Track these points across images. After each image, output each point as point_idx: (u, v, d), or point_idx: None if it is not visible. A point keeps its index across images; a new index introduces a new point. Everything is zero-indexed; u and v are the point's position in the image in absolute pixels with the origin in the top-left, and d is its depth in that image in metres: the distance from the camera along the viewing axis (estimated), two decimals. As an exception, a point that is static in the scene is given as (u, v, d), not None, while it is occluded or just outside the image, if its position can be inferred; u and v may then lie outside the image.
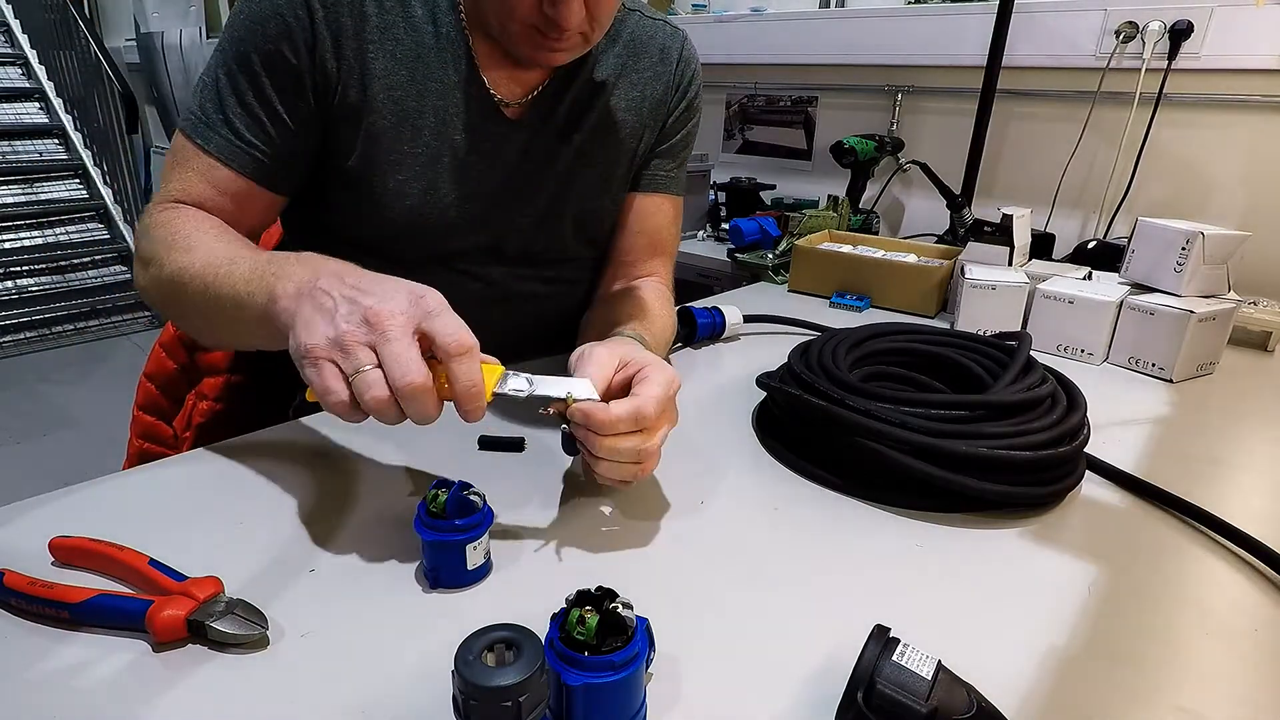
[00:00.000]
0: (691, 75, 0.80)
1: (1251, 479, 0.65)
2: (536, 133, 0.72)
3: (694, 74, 0.81)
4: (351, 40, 0.63)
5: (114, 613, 0.40)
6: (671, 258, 0.86)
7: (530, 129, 0.71)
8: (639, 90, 0.77)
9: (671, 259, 0.86)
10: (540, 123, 0.72)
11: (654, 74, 0.77)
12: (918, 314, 1.06)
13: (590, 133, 0.74)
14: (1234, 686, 0.40)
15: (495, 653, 0.30)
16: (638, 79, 0.77)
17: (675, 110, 0.80)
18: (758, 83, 1.93)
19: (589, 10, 0.61)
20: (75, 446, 2.21)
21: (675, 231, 0.85)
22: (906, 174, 1.69)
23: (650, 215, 0.82)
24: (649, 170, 0.81)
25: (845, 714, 0.35)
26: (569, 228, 0.77)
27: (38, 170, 3.47)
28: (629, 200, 0.82)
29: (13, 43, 3.80)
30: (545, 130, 0.72)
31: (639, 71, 0.77)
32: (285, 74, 0.62)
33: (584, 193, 0.76)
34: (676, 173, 0.83)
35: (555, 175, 0.74)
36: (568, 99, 0.72)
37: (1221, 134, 1.32)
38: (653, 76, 0.77)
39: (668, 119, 0.80)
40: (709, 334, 0.91)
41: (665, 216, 0.83)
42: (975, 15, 1.48)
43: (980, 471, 0.53)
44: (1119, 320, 0.88)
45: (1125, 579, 0.49)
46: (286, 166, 0.66)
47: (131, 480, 0.57)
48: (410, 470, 0.58)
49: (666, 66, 0.78)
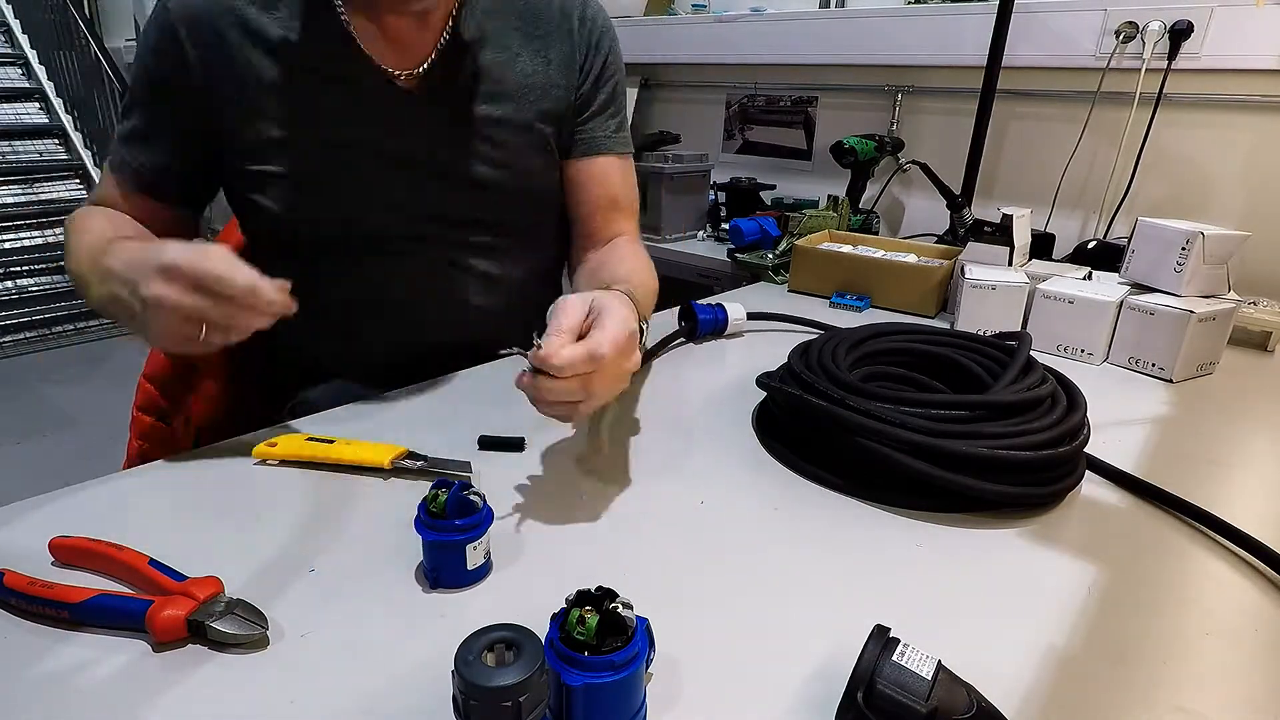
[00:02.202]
0: (601, 33, 0.81)
1: (1251, 479, 0.65)
2: (436, 101, 0.73)
3: (604, 30, 0.81)
4: (216, 51, 0.68)
5: (114, 613, 0.40)
6: (635, 215, 0.87)
7: (428, 99, 0.72)
8: (543, 54, 0.77)
9: (635, 215, 0.87)
10: (438, 90, 0.73)
11: (558, 35, 0.78)
12: (918, 314, 1.06)
13: (495, 97, 0.75)
14: (1234, 686, 0.40)
15: (495, 653, 0.30)
16: (540, 44, 0.77)
17: (591, 70, 0.80)
18: (758, 83, 1.93)
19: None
20: (75, 446, 2.21)
21: (631, 188, 0.86)
22: (906, 174, 1.69)
23: (600, 180, 0.83)
24: (584, 135, 0.82)
25: (845, 714, 0.35)
26: (500, 195, 0.77)
27: (38, 170, 3.48)
28: (573, 170, 0.82)
29: (13, 43, 3.81)
30: (445, 97, 0.73)
31: (541, 36, 0.77)
32: (161, 94, 0.70)
33: (504, 158, 0.76)
34: (616, 133, 0.84)
35: (466, 142, 0.74)
36: (465, 67, 0.73)
37: (1221, 134, 1.32)
38: (557, 39, 0.78)
39: (584, 79, 0.80)
40: (710, 329, 0.91)
41: (616, 175, 0.84)
42: (975, 15, 1.48)
43: (980, 471, 0.53)
44: (1119, 320, 0.88)
45: (1125, 579, 0.49)
46: (170, 180, 0.73)
47: (131, 480, 0.57)
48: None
49: (567, 25, 0.79)
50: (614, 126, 0.84)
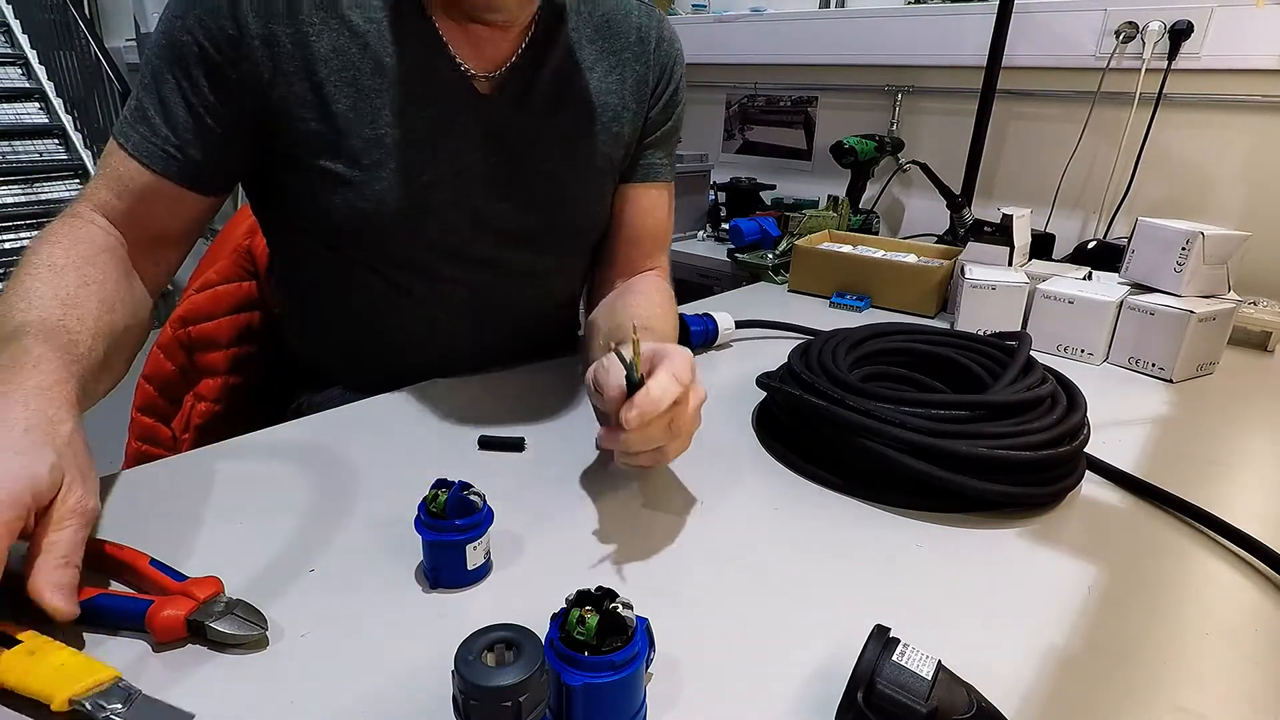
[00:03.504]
0: (675, 57, 0.77)
1: (1251, 479, 0.65)
2: (513, 108, 0.68)
3: (677, 55, 0.78)
4: (286, 22, 0.60)
5: (114, 612, 0.40)
6: (669, 247, 0.85)
7: (505, 104, 0.68)
8: (618, 72, 0.73)
9: (669, 248, 0.85)
10: (516, 98, 0.68)
11: (633, 54, 0.74)
12: (918, 314, 1.06)
13: (570, 112, 0.71)
14: (1234, 686, 0.40)
15: (495, 653, 0.30)
16: (615, 61, 0.73)
17: (663, 95, 0.77)
18: (758, 83, 1.93)
19: None
20: (75, 447, 2.21)
21: (671, 220, 0.85)
22: (906, 174, 1.69)
23: (651, 210, 0.80)
24: (644, 161, 0.79)
25: (845, 714, 0.35)
26: (553, 213, 0.73)
27: (38, 170, 3.48)
28: (625, 193, 0.79)
29: (13, 43, 3.81)
30: (522, 106, 0.69)
31: (616, 53, 0.73)
32: (208, 70, 0.59)
33: (568, 177, 0.73)
34: (670, 159, 0.82)
35: (535, 155, 0.70)
36: (544, 75, 0.69)
37: (1221, 134, 1.32)
38: (632, 57, 0.74)
39: (654, 104, 0.77)
40: (701, 342, 0.89)
41: (664, 208, 0.82)
42: (975, 15, 1.48)
43: (980, 471, 0.53)
44: (1119, 320, 0.88)
45: (1125, 579, 0.49)
46: (209, 164, 0.62)
47: (131, 480, 0.57)
48: (410, 470, 0.58)
49: (645, 47, 0.74)
50: (669, 152, 0.81)
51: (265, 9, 0.59)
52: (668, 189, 0.82)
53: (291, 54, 0.60)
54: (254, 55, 0.59)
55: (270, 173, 0.66)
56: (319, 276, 0.72)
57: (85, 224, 0.60)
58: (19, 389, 0.43)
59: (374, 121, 0.63)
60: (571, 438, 0.64)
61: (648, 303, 0.72)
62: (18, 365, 0.44)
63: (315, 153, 0.63)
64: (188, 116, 0.60)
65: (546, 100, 0.70)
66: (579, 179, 0.74)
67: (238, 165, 0.65)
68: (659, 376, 0.47)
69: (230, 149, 0.63)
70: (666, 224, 0.83)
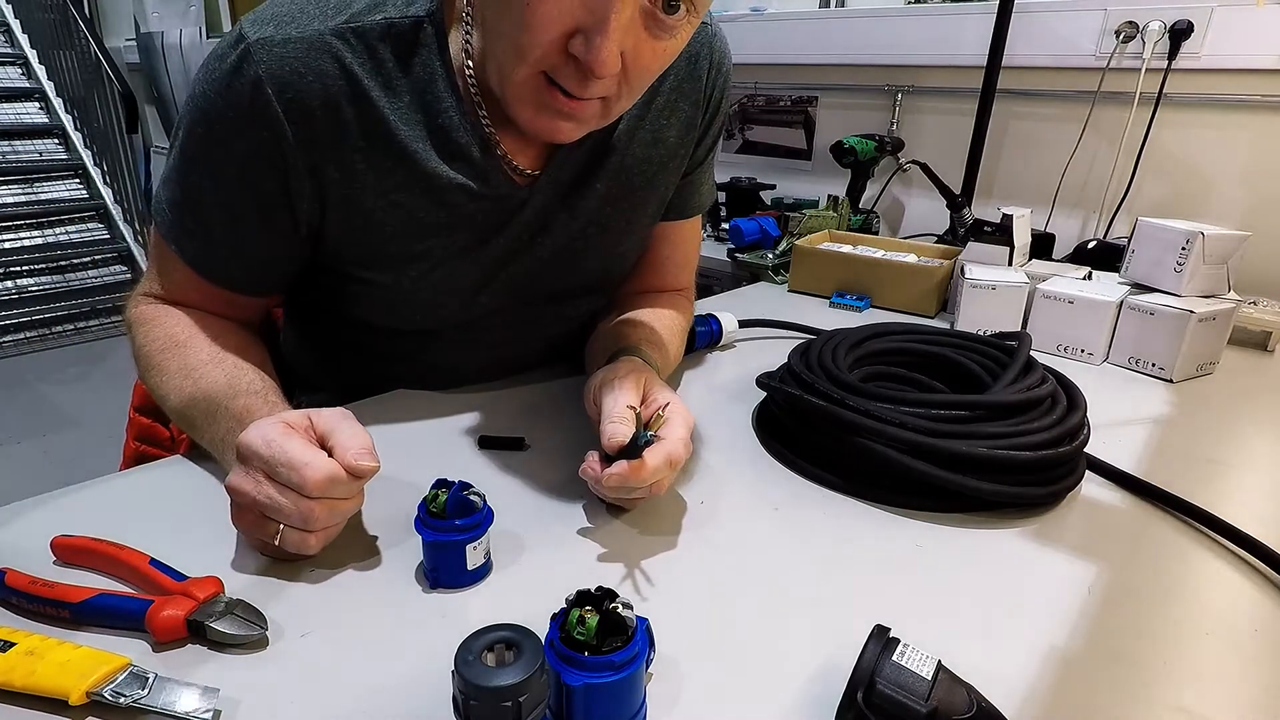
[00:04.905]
0: (723, 83, 0.69)
1: (1251, 479, 0.65)
2: (554, 192, 0.64)
3: (726, 79, 0.70)
4: (326, 127, 0.54)
5: (114, 612, 0.40)
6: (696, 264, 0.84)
7: (546, 190, 0.63)
8: (666, 118, 0.66)
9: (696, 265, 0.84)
10: (556, 180, 0.64)
11: (682, 91, 0.66)
12: (918, 314, 1.06)
13: (613, 178, 0.66)
14: (1234, 686, 0.40)
15: (495, 653, 0.30)
16: (663, 103, 0.65)
17: (711, 128, 0.72)
18: (758, 83, 1.93)
19: (625, 66, 0.48)
20: (75, 446, 2.21)
21: (700, 238, 0.83)
22: (906, 174, 1.68)
23: (687, 238, 0.78)
24: (683, 195, 0.75)
25: (845, 714, 0.35)
26: (592, 274, 0.71)
27: (38, 170, 3.47)
28: (664, 228, 0.76)
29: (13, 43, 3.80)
30: (562, 187, 0.64)
31: (664, 94, 0.65)
32: (259, 192, 0.56)
33: (609, 241, 0.69)
34: (709, 180, 0.78)
35: (576, 229, 0.66)
36: (584, 146, 0.63)
37: (1221, 134, 1.32)
38: (680, 95, 0.66)
39: (701, 139, 0.71)
40: (706, 343, 0.89)
41: (697, 235, 0.80)
42: (975, 15, 1.48)
43: (980, 471, 0.53)
44: (1119, 320, 0.88)
45: (1125, 579, 0.49)
46: (267, 275, 0.63)
47: (132, 480, 0.57)
48: (410, 470, 0.58)
49: (697, 81, 0.66)
50: (708, 176, 0.77)
51: (302, 109, 0.54)
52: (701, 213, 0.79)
53: (330, 159, 0.56)
54: (293, 162, 0.55)
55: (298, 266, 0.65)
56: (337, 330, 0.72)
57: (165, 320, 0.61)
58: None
59: (420, 238, 0.61)
60: (572, 438, 0.64)
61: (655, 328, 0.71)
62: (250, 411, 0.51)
63: (346, 265, 0.63)
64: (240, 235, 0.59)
65: (588, 170, 0.65)
66: (622, 238, 0.71)
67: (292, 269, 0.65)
68: (656, 455, 0.48)
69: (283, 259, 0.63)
70: (697, 248, 0.82)
